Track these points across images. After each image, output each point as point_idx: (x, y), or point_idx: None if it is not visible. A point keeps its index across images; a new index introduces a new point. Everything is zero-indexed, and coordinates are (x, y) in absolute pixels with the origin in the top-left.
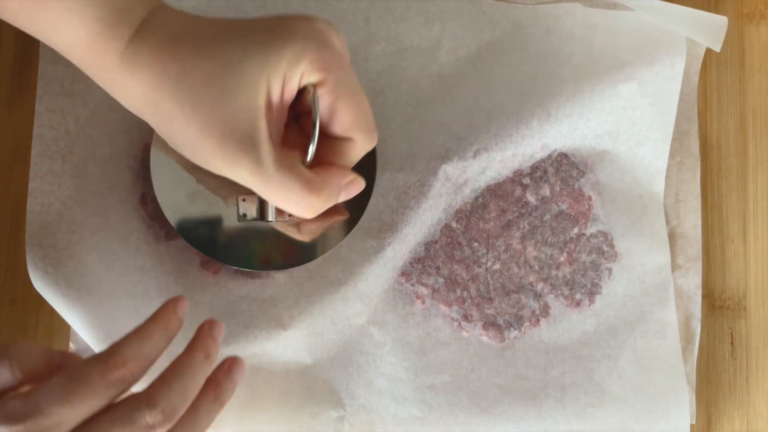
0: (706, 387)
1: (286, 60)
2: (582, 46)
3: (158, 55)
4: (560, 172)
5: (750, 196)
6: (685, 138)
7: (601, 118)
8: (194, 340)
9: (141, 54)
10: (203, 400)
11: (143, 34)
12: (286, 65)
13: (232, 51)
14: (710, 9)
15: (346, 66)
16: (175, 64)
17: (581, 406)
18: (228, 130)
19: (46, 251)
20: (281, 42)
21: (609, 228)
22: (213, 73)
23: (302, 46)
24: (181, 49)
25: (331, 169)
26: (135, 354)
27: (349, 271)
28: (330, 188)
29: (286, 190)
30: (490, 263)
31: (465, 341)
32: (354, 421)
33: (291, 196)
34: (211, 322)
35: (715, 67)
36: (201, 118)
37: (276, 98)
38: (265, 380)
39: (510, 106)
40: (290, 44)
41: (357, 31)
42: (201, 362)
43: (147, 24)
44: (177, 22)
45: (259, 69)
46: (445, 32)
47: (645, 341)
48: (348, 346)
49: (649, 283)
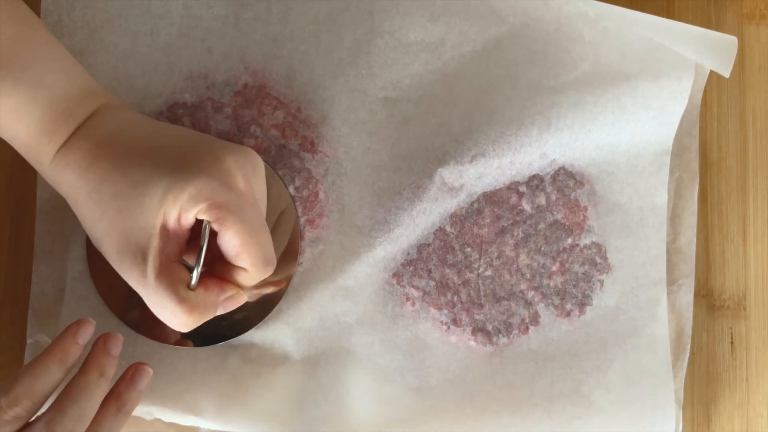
0: (706, 387)
1: (185, 195)
2: (590, 52)
3: (82, 162)
4: (557, 181)
5: (750, 196)
6: (685, 153)
7: (602, 130)
8: (88, 359)
9: (68, 159)
10: (105, 415)
11: (75, 140)
12: (184, 199)
13: (141, 171)
14: (710, 9)
15: (247, 206)
16: (93, 174)
17: (568, 417)
18: (125, 241)
19: (54, 237)
20: (185, 176)
21: (603, 240)
22: (121, 190)
23: (204, 185)
24: (101, 160)
25: (210, 286)
26: (28, 391)
27: (340, 268)
28: (203, 307)
29: (161, 304)
30: (482, 269)
31: (453, 346)
32: (336, 421)
33: (165, 311)
34: (106, 336)
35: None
36: (106, 226)
37: (171, 224)
38: (251, 374)
39: (511, 111)
40: (193, 180)
41: (361, 24)
42: (96, 382)
43: (81, 129)
44: (108, 130)
45: (159, 196)
46: (450, 27)
47: (635, 355)
48: (336, 344)
49: (642, 297)
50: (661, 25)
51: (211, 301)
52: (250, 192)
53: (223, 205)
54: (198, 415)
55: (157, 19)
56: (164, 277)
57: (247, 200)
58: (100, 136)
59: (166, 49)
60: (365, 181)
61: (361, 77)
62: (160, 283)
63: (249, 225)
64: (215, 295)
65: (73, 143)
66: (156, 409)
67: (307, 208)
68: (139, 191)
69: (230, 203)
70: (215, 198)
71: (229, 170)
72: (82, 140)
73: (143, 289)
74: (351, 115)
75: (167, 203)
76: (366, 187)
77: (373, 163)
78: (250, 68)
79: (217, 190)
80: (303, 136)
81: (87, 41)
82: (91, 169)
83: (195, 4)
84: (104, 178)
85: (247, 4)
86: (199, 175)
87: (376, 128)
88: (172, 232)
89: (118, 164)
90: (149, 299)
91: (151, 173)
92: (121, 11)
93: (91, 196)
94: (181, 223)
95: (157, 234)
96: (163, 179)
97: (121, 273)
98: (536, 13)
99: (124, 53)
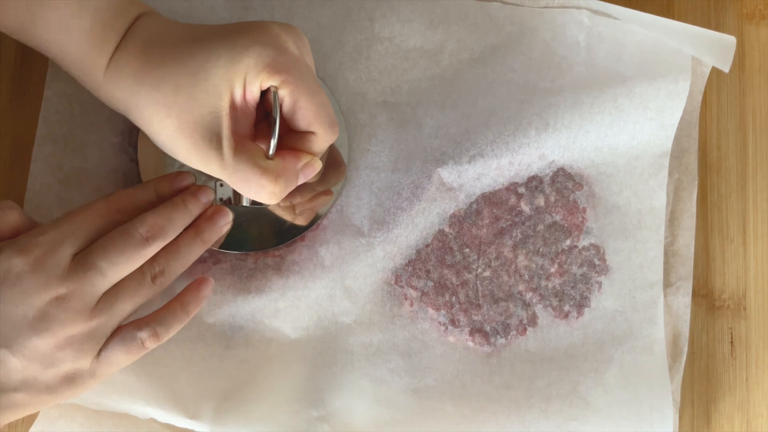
0: (706, 387)
1: (245, 66)
2: (586, 56)
3: (135, 65)
4: (556, 183)
5: (750, 196)
6: (684, 156)
7: (600, 131)
8: (181, 195)
9: (122, 67)
10: (185, 237)
11: (125, 47)
12: (245, 71)
13: (197, 58)
14: (710, 9)
15: (304, 67)
16: (150, 74)
17: (565, 418)
18: (198, 130)
19: None
20: (240, 50)
21: (601, 242)
22: (181, 80)
23: (259, 53)
24: (153, 59)
25: (286, 156)
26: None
27: (338, 267)
28: (287, 174)
29: (245, 179)
30: (481, 270)
31: (451, 346)
32: (334, 422)
33: (251, 184)
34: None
35: (716, 67)
36: (174, 121)
37: (239, 100)
38: (249, 373)
39: (509, 113)
40: (249, 52)
41: (361, 30)
42: (185, 207)
43: (129, 35)
44: (155, 32)
45: (221, 75)
46: (449, 35)
47: (632, 357)
48: (334, 344)
49: (639, 299)
50: (661, 24)
51: (292, 168)
52: (302, 56)
53: (283, 67)
54: (194, 418)
55: None
56: (242, 153)
57: (302, 62)
58: (147, 38)
59: None
60: (364, 182)
61: (360, 81)
62: (239, 159)
63: (311, 85)
64: (293, 162)
65: (123, 51)
66: (151, 410)
67: None
68: (200, 77)
69: (289, 65)
70: (274, 62)
71: (278, 36)
72: (132, 46)
73: (224, 171)
74: (350, 118)
75: (230, 80)
76: (365, 187)
77: (372, 164)
78: None
79: (273, 55)
80: None
81: None
82: (145, 69)
83: (199, 6)
84: (162, 76)
85: (251, 8)
86: (253, 45)
87: (375, 131)
88: (240, 110)
89: (172, 58)
90: (233, 179)
91: (206, 58)
92: None
93: (152, 96)
94: (247, 98)
95: (226, 114)
96: (219, 59)
97: (199, 165)
98: (532, 23)
99: None
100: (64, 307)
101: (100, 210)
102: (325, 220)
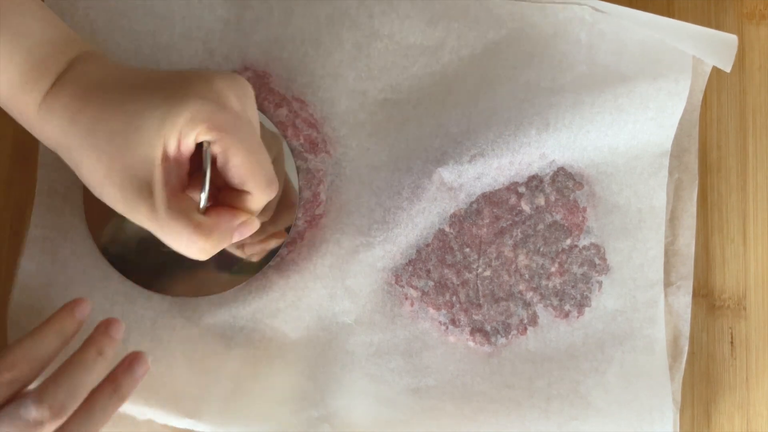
0: (706, 387)
1: (182, 119)
2: (587, 54)
3: (71, 106)
4: (556, 182)
5: (750, 196)
6: (684, 155)
7: (600, 131)
8: (89, 338)
9: (55, 105)
10: (99, 395)
11: (60, 85)
12: (182, 124)
13: (133, 105)
14: (710, 9)
15: (243, 124)
16: (85, 116)
17: (566, 418)
18: (127, 178)
19: (49, 231)
20: (178, 101)
21: (602, 241)
22: (116, 126)
23: (198, 107)
24: (92, 102)
25: (222, 213)
26: (25, 356)
27: (338, 267)
28: (219, 231)
29: (176, 232)
30: (481, 269)
31: (451, 346)
32: (334, 422)
33: (181, 238)
34: (109, 320)
35: (716, 67)
36: (105, 167)
37: (172, 152)
38: (249, 373)
39: (509, 112)
40: (186, 104)
41: (360, 27)
42: (93, 359)
43: (66, 74)
44: (93, 73)
45: (156, 126)
46: (449, 31)
47: (633, 356)
48: (334, 344)
49: (640, 299)
50: (661, 23)
51: (226, 226)
52: (243, 112)
53: (221, 124)
54: (194, 418)
55: (159, 20)
56: (174, 206)
57: (242, 120)
58: (88, 80)
59: (168, 50)
60: (364, 181)
61: (360, 79)
62: (170, 212)
63: (247, 144)
64: (228, 220)
65: (59, 89)
66: (149, 410)
67: (308, 208)
68: (135, 125)
69: (227, 122)
70: (212, 118)
71: (221, 91)
72: (69, 85)
73: (155, 224)
74: (350, 117)
75: (165, 130)
76: (365, 186)
77: (372, 163)
78: (252, 69)
79: (212, 110)
80: (305, 135)
81: (89, 41)
82: (83, 111)
83: (197, 5)
84: (97, 118)
85: (249, 6)
86: (194, 98)
87: (375, 129)
88: (173, 161)
89: (111, 102)
90: (163, 232)
91: (145, 105)
92: (124, 11)
93: (85, 139)
94: (182, 150)
95: (159, 164)
96: (158, 108)
97: (129, 214)
98: (533, 18)
99: (126, 53)
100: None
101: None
102: (325, 219)
